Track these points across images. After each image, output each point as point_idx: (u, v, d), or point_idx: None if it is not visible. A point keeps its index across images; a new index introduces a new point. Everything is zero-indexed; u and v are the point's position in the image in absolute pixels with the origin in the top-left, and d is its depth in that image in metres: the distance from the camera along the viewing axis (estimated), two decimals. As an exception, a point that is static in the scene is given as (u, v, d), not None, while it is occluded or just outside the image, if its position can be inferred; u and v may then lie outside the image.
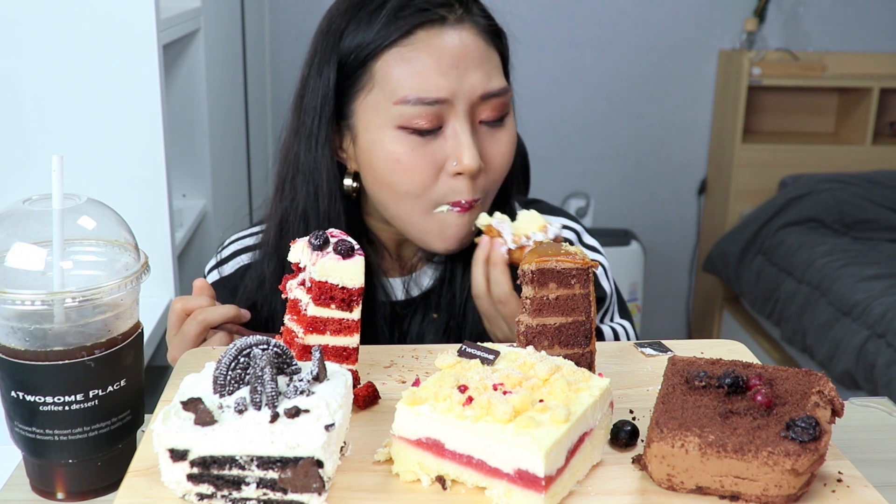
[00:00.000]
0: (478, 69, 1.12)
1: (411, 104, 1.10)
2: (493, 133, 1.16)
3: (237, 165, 2.79)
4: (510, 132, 1.18)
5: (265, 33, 3.33)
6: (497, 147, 1.16)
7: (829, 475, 0.75)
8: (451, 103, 1.11)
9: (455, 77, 1.10)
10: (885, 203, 3.54)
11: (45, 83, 1.67)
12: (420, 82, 1.10)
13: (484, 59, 1.13)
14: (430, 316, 1.24)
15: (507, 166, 1.18)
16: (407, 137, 1.11)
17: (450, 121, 1.12)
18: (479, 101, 1.13)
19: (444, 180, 1.13)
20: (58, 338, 0.78)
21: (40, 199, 0.82)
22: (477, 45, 1.13)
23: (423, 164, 1.12)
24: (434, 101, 1.10)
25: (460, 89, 1.11)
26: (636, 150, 3.91)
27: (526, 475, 0.69)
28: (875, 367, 2.80)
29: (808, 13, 3.79)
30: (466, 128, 1.12)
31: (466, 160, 1.11)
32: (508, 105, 1.17)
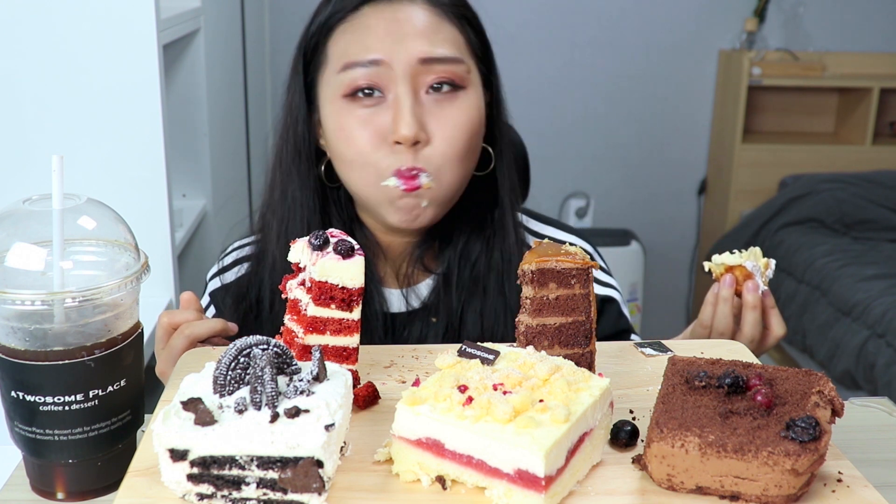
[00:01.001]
0: (420, 37, 1.11)
1: (350, 69, 1.12)
2: (441, 105, 1.13)
3: (237, 165, 2.79)
4: (465, 108, 1.14)
5: (265, 33, 3.33)
6: (444, 118, 1.12)
7: (829, 475, 0.75)
8: (389, 66, 1.10)
9: (391, 41, 1.11)
10: (885, 203, 3.54)
11: (45, 83, 1.67)
12: (357, 48, 1.12)
13: (432, 29, 1.13)
14: (429, 320, 1.24)
15: (457, 140, 1.13)
16: (350, 106, 1.13)
17: (390, 87, 1.11)
18: (420, 67, 1.11)
19: (385, 149, 1.12)
20: (58, 338, 0.78)
21: (40, 199, 0.82)
22: (426, 17, 1.13)
23: (365, 132, 1.12)
24: (369, 62, 1.11)
25: (397, 52, 1.10)
26: (636, 150, 3.91)
27: (526, 475, 0.69)
28: (875, 367, 2.80)
29: (808, 13, 3.79)
30: (406, 95, 1.10)
31: (402, 128, 1.09)
32: (464, 78, 1.14)
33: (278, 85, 1.22)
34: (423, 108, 1.12)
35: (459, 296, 1.22)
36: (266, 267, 1.22)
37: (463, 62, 1.14)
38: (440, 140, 1.12)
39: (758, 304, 1.15)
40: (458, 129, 1.13)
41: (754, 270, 1.16)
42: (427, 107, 1.12)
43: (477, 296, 1.22)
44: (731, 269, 1.17)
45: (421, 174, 1.11)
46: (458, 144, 1.14)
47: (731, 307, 1.16)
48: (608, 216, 3.90)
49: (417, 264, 1.25)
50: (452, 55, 1.13)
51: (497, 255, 1.22)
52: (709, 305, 1.18)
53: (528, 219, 1.34)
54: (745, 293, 1.16)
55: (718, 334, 1.17)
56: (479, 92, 1.17)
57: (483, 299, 1.22)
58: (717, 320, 1.17)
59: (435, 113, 1.12)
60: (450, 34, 1.14)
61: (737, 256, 1.17)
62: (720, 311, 1.17)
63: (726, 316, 1.16)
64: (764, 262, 1.17)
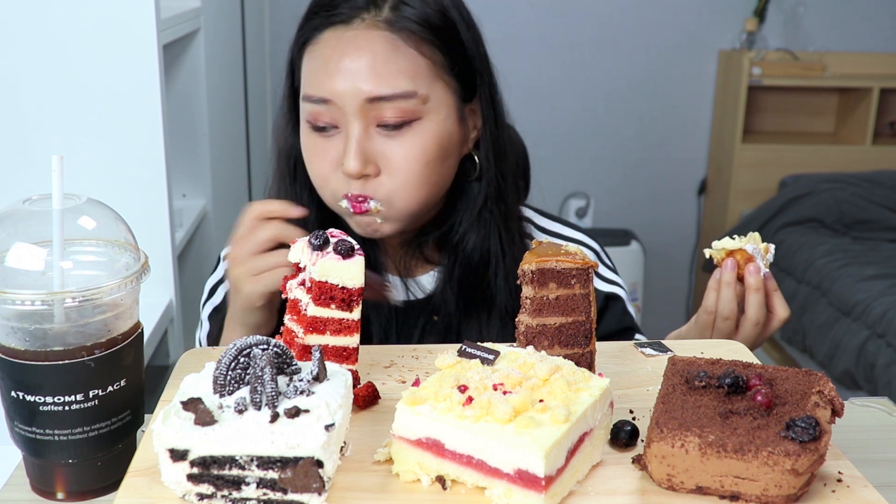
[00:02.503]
0: (369, 72, 1.10)
1: (307, 102, 1.14)
2: (391, 139, 1.13)
3: (237, 165, 2.79)
4: (418, 139, 1.13)
5: (265, 33, 3.33)
6: (394, 152, 1.13)
7: (829, 475, 0.75)
8: (338, 105, 1.11)
9: (339, 79, 1.11)
10: (885, 203, 3.54)
11: (45, 83, 1.67)
12: (312, 81, 1.14)
13: (383, 62, 1.11)
14: (432, 319, 1.24)
15: (410, 173, 1.13)
16: (311, 132, 1.16)
17: (343, 122, 1.13)
18: (368, 105, 1.11)
19: (339, 175, 1.14)
20: (58, 338, 0.78)
21: (40, 199, 0.82)
22: (378, 47, 1.11)
23: (322, 159, 1.15)
24: (319, 99, 1.12)
25: (344, 92, 1.10)
26: (636, 150, 3.92)
27: (526, 475, 0.69)
28: (875, 367, 2.80)
29: (808, 13, 3.79)
30: (355, 131, 1.11)
31: (347, 163, 1.11)
32: (417, 111, 1.12)
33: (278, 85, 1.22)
34: (373, 142, 1.12)
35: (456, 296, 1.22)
36: None
37: (415, 95, 1.12)
38: (389, 173, 1.13)
39: (761, 287, 1.16)
40: (409, 161, 1.13)
41: (755, 253, 1.16)
42: (377, 140, 1.13)
43: (474, 296, 1.22)
44: (732, 254, 1.17)
45: (369, 200, 1.14)
46: (410, 175, 1.14)
47: (734, 291, 1.17)
48: (608, 216, 3.90)
49: (417, 255, 1.26)
50: (402, 91, 1.11)
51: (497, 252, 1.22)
52: (712, 291, 1.19)
53: (534, 214, 1.35)
54: (747, 276, 1.16)
55: (723, 319, 1.18)
56: (441, 116, 1.15)
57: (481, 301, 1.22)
58: (721, 305, 1.17)
59: (385, 146, 1.13)
60: (405, 64, 1.12)
61: (737, 241, 1.18)
62: (723, 296, 1.17)
63: (730, 300, 1.17)
64: (764, 247, 1.17)
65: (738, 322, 1.18)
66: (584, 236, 1.35)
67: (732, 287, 1.17)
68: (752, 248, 1.17)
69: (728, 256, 1.17)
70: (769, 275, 1.18)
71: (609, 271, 1.34)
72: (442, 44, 1.15)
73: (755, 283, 1.16)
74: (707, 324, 1.20)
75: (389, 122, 1.12)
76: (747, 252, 1.16)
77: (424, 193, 1.16)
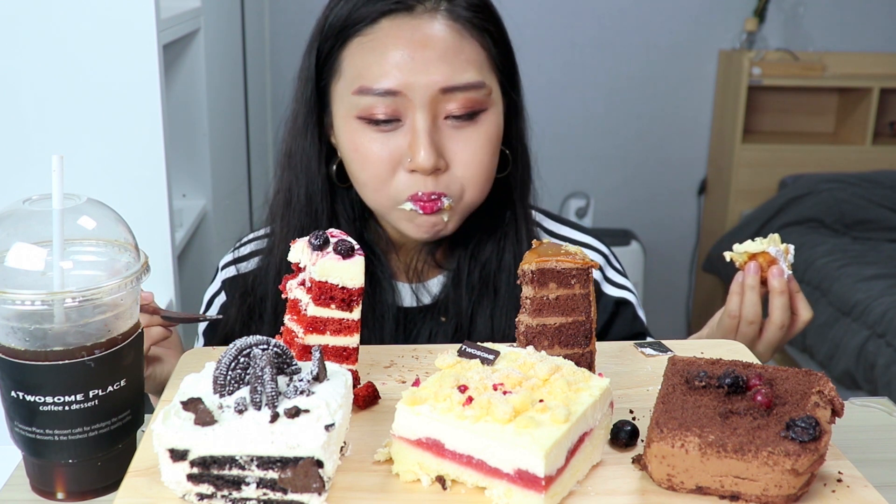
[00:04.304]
0: (441, 62, 1.07)
1: (365, 95, 1.08)
2: (460, 130, 1.10)
3: (237, 165, 2.79)
4: (484, 130, 1.12)
5: (265, 33, 3.33)
6: (464, 145, 1.10)
7: (829, 475, 0.75)
8: (406, 96, 1.07)
9: (410, 69, 1.06)
10: (885, 203, 3.54)
11: (45, 83, 1.67)
12: (375, 72, 1.08)
13: (453, 51, 1.08)
14: (439, 320, 1.22)
15: (478, 165, 1.12)
16: (365, 129, 1.10)
17: (408, 114, 1.08)
18: (440, 96, 1.08)
19: (401, 175, 1.10)
20: (58, 338, 0.78)
21: (40, 199, 0.82)
22: (447, 36, 1.08)
23: (380, 157, 1.10)
24: (385, 91, 1.07)
25: (416, 82, 1.06)
26: (636, 150, 3.91)
27: (526, 475, 0.69)
28: (875, 367, 2.80)
29: (808, 13, 3.79)
30: (424, 123, 1.07)
31: (420, 158, 1.07)
32: (484, 102, 1.11)
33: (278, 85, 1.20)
34: (442, 135, 1.10)
35: (470, 296, 1.21)
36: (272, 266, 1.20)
37: (484, 85, 1.11)
38: (460, 166, 1.11)
39: (785, 289, 1.15)
40: (479, 153, 1.11)
41: (777, 256, 1.16)
42: (446, 132, 1.10)
43: (487, 296, 1.21)
44: (755, 257, 1.16)
45: (442, 198, 1.11)
46: (480, 167, 1.12)
47: (758, 295, 1.16)
48: (608, 216, 3.90)
49: (428, 260, 1.24)
50: (474, 81, 1.09)
51: (508, 256, 1.21)
52: (735, 295, 1.17)
53: (543, 217, 1.33)
54: (771, 279, 1.15)
55: (748, 323, 1.17)
56: (499, 108, 1.15)
57: (494, 300, 1.20)
58: (746, 309, 1.16)
59: (455, 139, 1.10)
60: (472, 53, 1.10)
61: (758, 244, 1.17)
62: (748, 300, 1.16)
63: (754, 304, 1.16)
64: (784, 248, 1.17)
65: (762, 326, 1.17)
66: (594, 240, 1.33)
67: (757, 291, 1.16)
68: (774, 251, 1.16)
69: (750, 260, 1.17)
70: (791, 277, 1.17)
71: (619, 275, 1.31)
72: (492, 36, 1.14)
73: (780, 286, 1.15)
74: (731, 328, 1.19)
75: (460, 113, 1.09)
76: (770, 255, 1.16)
77: (488, 186, 1.16)
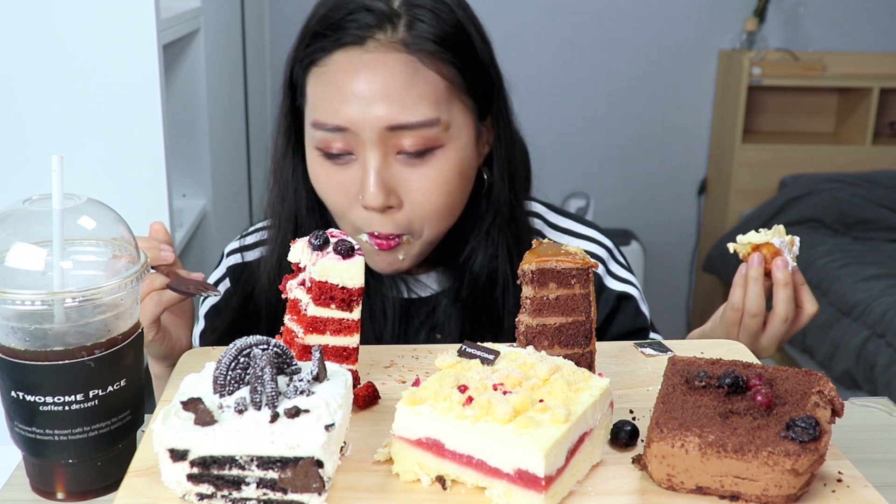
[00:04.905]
0: (388, 99, 1.03)
1: (318, 129, 1.07)
2: (413, 168, 1.07)
3: (237, 165, 2.79)
4: (440, 168, 1.07)
5: (265, 33, 3.33)
6: (418, 182, 1.07)
7: (829, 475, 0.75)
8: (355, 133, 1.05)
9: (358, 107, 1.03)
10: (885, 203, 3.54)
11: (45, 83, 1.67)
12: (325, 107, 1.06)
13: (402, 87, 1.04)
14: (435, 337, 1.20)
15: (433, 203, 1.08)
16: (323, 161, 1.09)
17: (359, 150, 1.06)
18: (388, 133, 1.04)
19: (358, 209, 1.08)
20: (58, 338, 0.78)
21: (40, 199, 0.81)
22: (398, 71, 1.04)
23: (337, 189, 1.08)
24: (334, 128, 1.05)
25: (363, 120, 1.03)
26: (636, 150, 3.92)
27: (526, 475, 0.69)
28: (875, 367, 2.80)
29: (808, 13, 3.79)
30: (374, 161, 1.05)
31: (368, 197, 1.05)
32: (438, 138, 1.06)
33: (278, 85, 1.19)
34: (393, 171, 1.06)
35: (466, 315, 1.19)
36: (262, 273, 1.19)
37: (438, 122, 1.05)
38: (414, 205, 1.08)
39: (789, 281, 1.12)
40: (433, 191, 1.08)
41: (782, 247, 1.13)
42: (397, 168, 1.07)
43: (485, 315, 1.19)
44: (758, 248, 1.14)
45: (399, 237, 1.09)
46: (435, 205, 1.09)
47: (762, 287, 1.13)
48: (608, 216, 3.90)
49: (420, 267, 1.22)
50: (424, 119, 1.04)
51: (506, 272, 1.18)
52: (738, 287, 1.14)
53: (545, 210, 1.30)
54: (775, 270, 1.12)
55: (751, 316, 1.14)
56: (461, 141, 1.10)
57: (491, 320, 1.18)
58: (749, 301, 1.13)
59: (407, 176, 1.07)
60: (426, 88, 1.05)
61: (762, 234, 1.14)
62: (751, 292, 1.13)
63: (758, 296, 1.12)
64: (789, 239, 1.14)
65: (765, 319, 1.15)
66: (597, 233, 1.30)
67: (760, 283, 1.13)
68: (779, 242, 1.13)
69: (754, 251, 1.14)
70: (796, 269, 1.14)
71: (622, 269, 1.28)
72: (460, 63, 1.08)
73: (784, 277, 1.12)
74: (734, 321, 1.16)
75: (411, 151, 1.06)
76: (774, 246, 1.13)
77: (447, 222, 1.12)
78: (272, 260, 1.18)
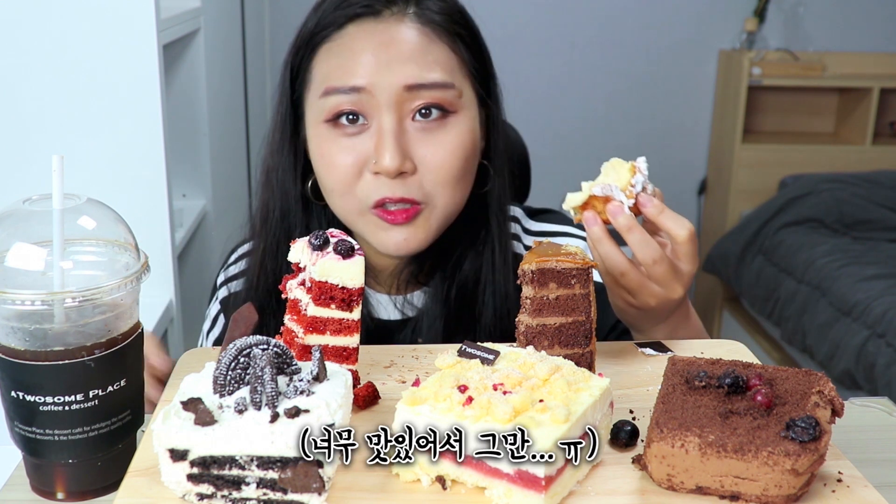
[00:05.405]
0: (407, 61, 1.05)
1: (331, 95, 1.07)
2: (428, 132, 1.07)
3: (237, 165, 2.79)
4: (455, 133, 1.08)
5: (265, 33, 3.33)
6: (433, 147, 1.07)
7: (829, 475, 0.75)
8: (371, 93, 1.05)
9: (375, 66, 1.05)
10: (886, 203, 3.54)
11: (45, 83, 1.67)
12: (340, 72, 1.07)
13: (420, 51, 1.07)
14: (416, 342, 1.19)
15: (448, 168, 1.08)
16: (331, 132, 1.08)
17: (374, 115, 1.07)
18: (405, 94, 1.05)
19: (367, 178, 1.08)
20: (58, 338, 0.78)
21: (40, 199, 0.82)
22: (415, 38, 1.07)
23: (346, 159, 1.07)
24: (349, 88, 1.05)
25: (381, 79, 1.05)
26: (636, 151, 3.88)
27: (526, 475, 0.69)
28: (875, 367, 2.80)
29: (808, 13, 3.79)
30: (390, 123, 1.05)
31: (384, 160, 1.04)
32: (454, 103, 1.08)
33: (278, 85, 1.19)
34: (409, 137, 1.07)
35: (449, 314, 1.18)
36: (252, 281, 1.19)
37: (453, 87, 1.08)
38: (428, 169, 1.08)
39: (632, 224, 0.97)
40: (448, 155, 1.08)
41: (606, 191, 0.98)
42: (413, 134, 1.07)
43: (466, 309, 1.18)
44: (587, 206, 0.99)
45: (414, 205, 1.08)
46: (451, 170, 1.09)
47: (612, 244, 0.98)
48: (608, 216, 3.90)
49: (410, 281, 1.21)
50: (441, 80, 1.07)
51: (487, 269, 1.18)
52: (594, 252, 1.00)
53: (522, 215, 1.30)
54: (612, 220, 0.97)
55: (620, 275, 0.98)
56: (472, 114, 1.12)
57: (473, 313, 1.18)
58: (608, 264, 0.98)
59: (422, 141, 1.07)
60: (441, 55, 1.08)
61: (584, 190, 0.99)
62: (603, 253, 0.98)
63: (613, 254, 0.98)
64: (629, 167, 0.99)
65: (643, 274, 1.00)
66: (574, 229, 1.28)
67: (607, 239, 0.98)
68: (600, 189, 0.98)
69: (584, 210, 0.99)
70: (648, 198, 0.98)
71: None
72: (465, 43, 1.12)
73: (624, 223, 0.96)
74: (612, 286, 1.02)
75: (426, 112, 1.07)
76: (597, 195, 0.98)
77: (460, 196, 1.12)
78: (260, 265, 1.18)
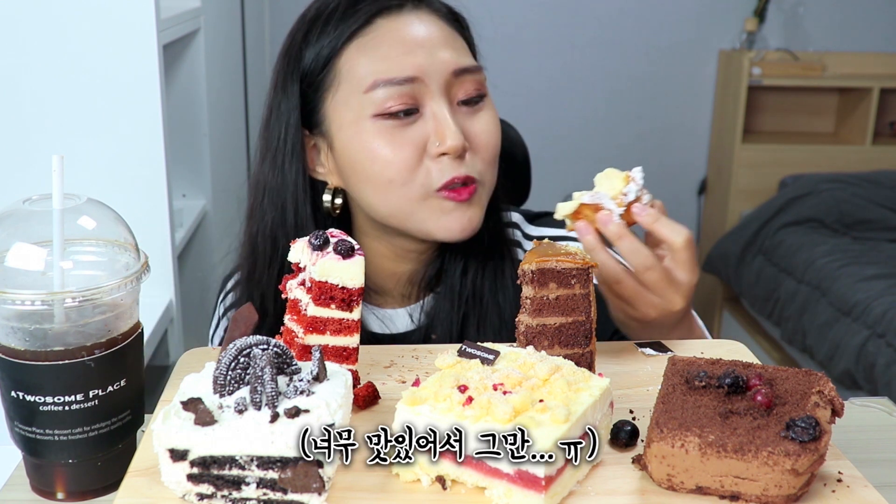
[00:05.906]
0: (446, 47, 1.11)
1: (382, 88, 1.08)
2: (473, 114, 1.13)
3: (237, 165, 2.79)
4: (491, 112, 1.15)
5: (265, 33, 3.33)
6: (480, 126, 1.13)
7: (829, 475, 0.75)
8: (424, 82, 1.09)
9: (423, 55, 1.09)
10: (886, 203, 3.54)
11: (45, 83, 1.67)
12: (388, 65, 1.08)
13: (450, 38, 1.12)
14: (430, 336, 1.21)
15: (494, 147, 1.15)
16: (384, 124, 1.08)
17: (426, 102, 1.09)
18: (452, 79, 1.10)
19: (427, 164, 1.09)
20: (58, 338, 0.78)
21: (40, 199, 0.82)
22: (440, 26, 1.12)
23: (404, 148, 1.08)
24: (404, 80, 1.08)
25: (431, 66, 1.09)
26: (636, 151, 3.91)
27: (526, 475, 0.69)
28: (875, 367, 2.80)
29: (808, 13, 3.79)
30: (445, 106, 1.09)
31: (450, 139, 1.07)
32: (485, 86, 1.15)
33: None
34: (458, 119, 1.11)
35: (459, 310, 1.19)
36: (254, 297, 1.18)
37: (482, 70, 1.15)
38: (477, 149, 1.12)
39: (623, 233, 0.98)
40: (491, 135, 1.14)
41: (595, 200, 0.99)
42: (461, 117, 1.12)
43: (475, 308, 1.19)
44: (578, 214, 1.00)
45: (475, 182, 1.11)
46: (495, 148, 1.15)
47: (605, 252, 0.99)
48: (608, 216, 3.90)
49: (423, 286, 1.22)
50: (475, 64, 1.14)
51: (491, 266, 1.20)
52: None
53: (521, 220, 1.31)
54: (602, 229, 0.98)
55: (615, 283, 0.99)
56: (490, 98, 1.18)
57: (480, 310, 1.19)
58: (603, 272, 0.99)
59: (470, 122, 1.12)
60: (461, 43, 1.15)
61: (575, 199, 1.00)
62: (599, 262, 0.97)
63: (608, 262, 0.99)
64: (623, 177, 1.00)
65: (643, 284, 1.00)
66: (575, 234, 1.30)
67: (600, 248, 0.99)
68: (590, 198, 0.99)
69: (576, 220, 1.00)
70: (643, 207, 0.99)
71: None
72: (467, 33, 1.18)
73: (614, 231, 0.97)
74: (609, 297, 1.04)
75: (470, 97, 1.12)
76: (587, 205, 0.99)
77: (497, 174, 1.17)
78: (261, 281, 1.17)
